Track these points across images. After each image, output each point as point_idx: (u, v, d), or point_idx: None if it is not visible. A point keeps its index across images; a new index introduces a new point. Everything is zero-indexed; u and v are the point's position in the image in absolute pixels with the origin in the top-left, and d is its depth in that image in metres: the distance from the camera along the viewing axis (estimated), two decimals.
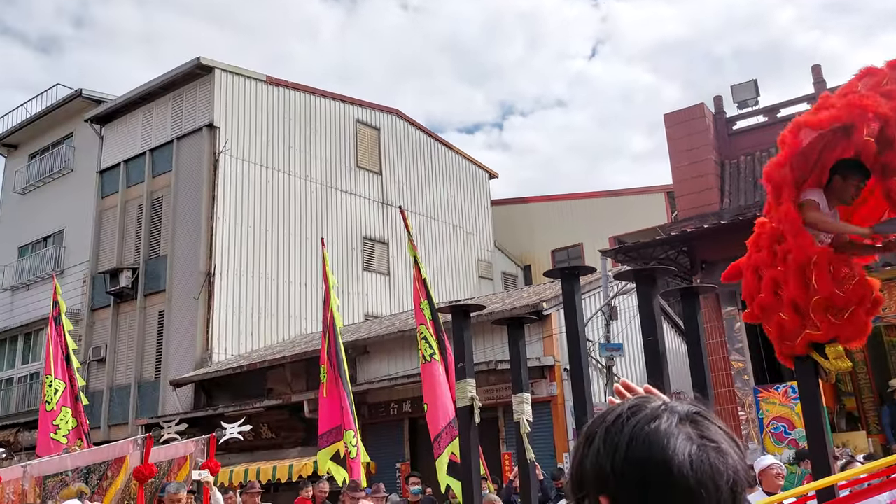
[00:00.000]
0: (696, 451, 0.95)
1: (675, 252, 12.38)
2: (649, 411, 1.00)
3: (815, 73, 12.66)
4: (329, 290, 8.21)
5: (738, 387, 11.24)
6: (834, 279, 3.86)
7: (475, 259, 25.43)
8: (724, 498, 0.94)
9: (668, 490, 0.94)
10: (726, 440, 0.99)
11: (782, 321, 4.02)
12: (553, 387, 13.02)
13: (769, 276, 4.09)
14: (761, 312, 4.17)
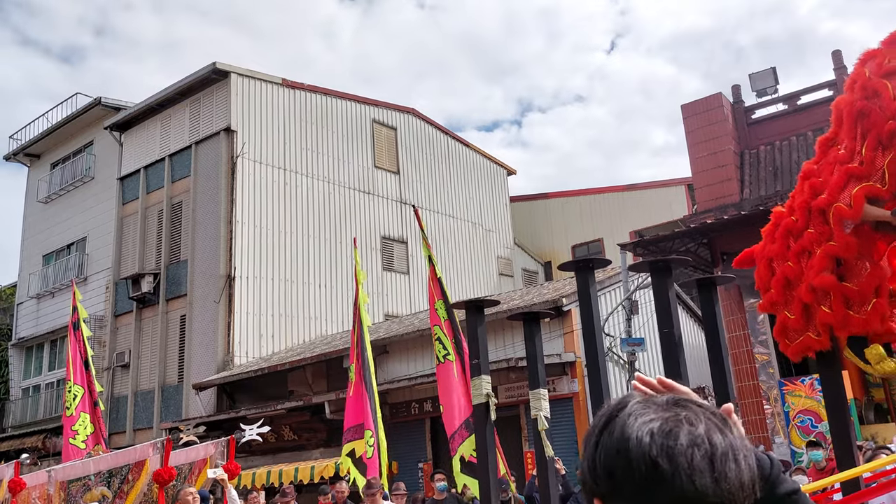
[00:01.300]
0: (658, 427, 0.87)
1: (695, 245, 12.20)
2: (625, 405, 0.94)
3: (836, 59, 12.41)
4: (358, 288, 8.17)
5: (763, 380, 11.04)
6: (851, 271, 3.74)
7: (495, 256, 25.35)
8: (698, 472, 0.84)
9: (630, 469, 0.86)
10: (711, 421, 0.90)
11: (787, 320, 3.92)
12: (574, 383, 12.89)
13: (781, 272, 3.99)
14: (770, 307, 4.07)
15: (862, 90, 3.87)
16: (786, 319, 3.99)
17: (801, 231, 3.99)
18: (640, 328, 14.11)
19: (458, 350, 6.95)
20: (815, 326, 3.86)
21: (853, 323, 3.78)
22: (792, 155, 12.22)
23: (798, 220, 4.08)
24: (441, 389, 6.89)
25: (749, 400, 11.20)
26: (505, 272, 25.47)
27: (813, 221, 3.83)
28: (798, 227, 4.04)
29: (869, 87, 3.82)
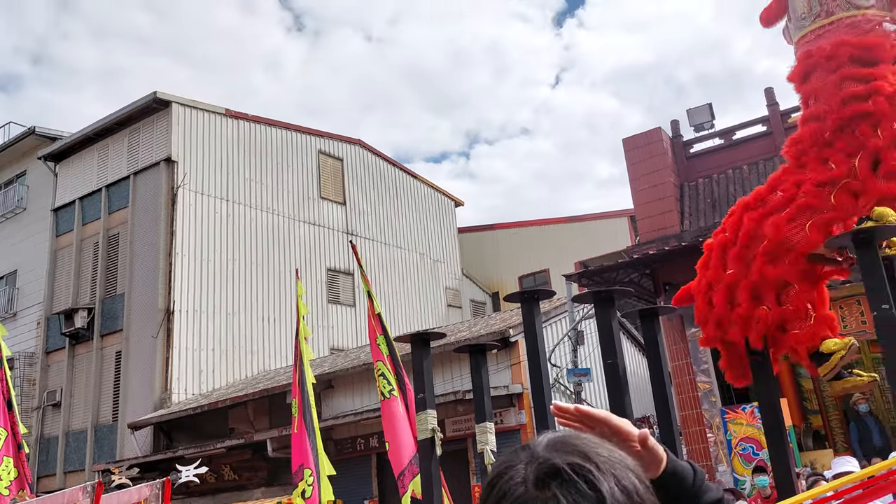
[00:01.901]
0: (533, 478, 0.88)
1: (638, 275, 12.38)
2: (510, 465, 0.93)
3: (769, 97, 12.88)
4: (300, 322, 7.96)
5: (706, 408, 11.18)
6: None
7: (443, 287, 25.29)
8: None
9: None
10: (589, 453, 0.90)
11: (737, 313, 3.97)
12: (521, 415, 12.82)
13: (724, 285, 4.05)
14: (716, 329, 4.11)
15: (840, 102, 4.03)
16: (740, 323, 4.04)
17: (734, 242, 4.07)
18: (586, 358, 14.19)
19: (401, 385, 6.81)
20: (764, 295, 3.91)
21: (785, 342, 3.88)
22: (728, 187, 12.57)
23: (730, 234, 4.16)
24: (386, 426, 6.72)
25: (692, 429, 11.31)
26: (453, 303, 25.43)
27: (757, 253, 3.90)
28: (731, 240, 4.12)
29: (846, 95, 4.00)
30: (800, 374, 11.90)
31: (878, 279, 3.63)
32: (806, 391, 11.88)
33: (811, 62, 4.10)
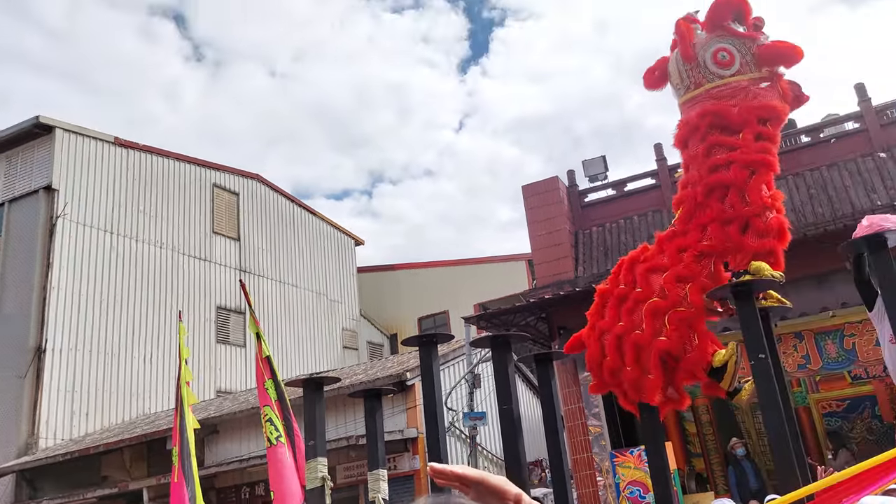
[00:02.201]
0: None
1: (534, 318, 12.56)
2: None
3: (658, 152, 13.57)
4: (182, 365, 7.50)
5: (596, 452, 11.36)
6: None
7: (340, 328, 24.82)
8: None
9: None
10: None
11: (628, 374, 4.04)
12: (416, 460, 12.61)
13: (614, 335, 4.12)
14: (610, 376, 4.17)
15: (708, 169, 4.18)
16: (628, 374, 4.11)
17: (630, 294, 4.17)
18: (482, 401, 14.19)
19: (289, 432, 6.51)
20: (650, 365, 4.00)
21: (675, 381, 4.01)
22: (620, 236, 13.08)
23: (626, 285, 4.27)
24: (272, 474, 6.38)
25: (583, 472, 11.45)
26: (349, 345, 24.96)
27: (646, 320, 4.01)
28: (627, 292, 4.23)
29: (712, 164, 4.15)
30: (684, 419, 12.35)
31: (755, 330, 3.79)
32: (690, 435, 12.33)
33: (685, 131, 4.34)
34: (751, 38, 4.17)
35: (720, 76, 4.21)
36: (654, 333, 3.96)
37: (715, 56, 4.19)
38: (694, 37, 4.31)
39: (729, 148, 4.09)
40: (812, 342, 10.06)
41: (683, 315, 3.93)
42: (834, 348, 9.96)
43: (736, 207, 3.98)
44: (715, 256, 4.07)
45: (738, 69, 4.19)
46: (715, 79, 4.22)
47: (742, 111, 4.10)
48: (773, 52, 4.13)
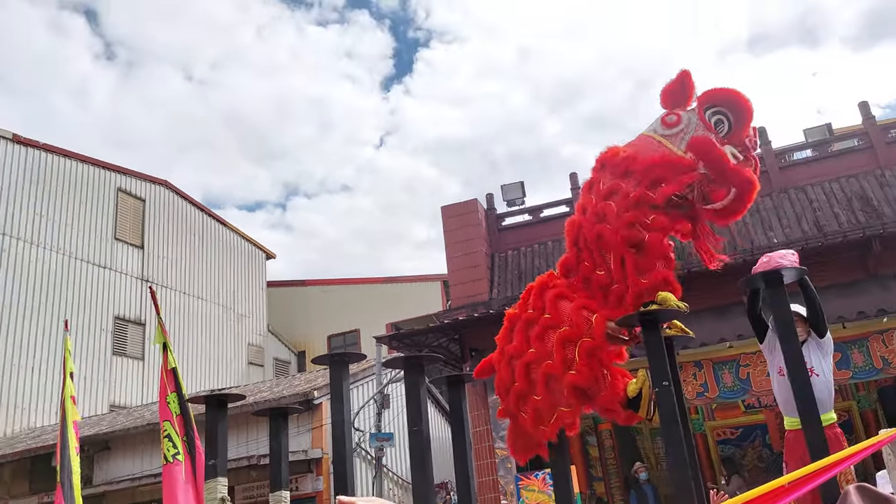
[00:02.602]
0: None
1: (447, 340, 12.57)
2: None
3: (573, 181, 13.96)
4: (66, 379, 7.03)
5: (502, 475, 11.42)
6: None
7: (246, 343, 24.06)
8: None
9: None
10: None
11: (537, 403, 4.04)
12: (319, 481, 12.31)
13: (523, 362, 4.13)
14: (516, 402, 4.16)
15: (594, 216, 4.23)
16: (537, 403, 4.10)
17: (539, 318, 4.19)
18: (390, 422, 14.03)
19: (189, 449, 6.20)
20: (563, 400, 4.01)
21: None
22: (534, 261, 13.32)
23: (535, 309, 4.29)
24: (166, 493, 6.04)
25: (488, 496, 11.47)
26: (255, 361, 24.23)
27: (556, 349, 4.02)
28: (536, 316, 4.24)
29: (599, 212, 4.19)
30: (588, 443, 12.61)
31: (660, 358, 3.88)
32: (592, 459, 12.59)
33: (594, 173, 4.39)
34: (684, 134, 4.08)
35: (654, 129, 4.20)
36: (565, 363, 3.99)
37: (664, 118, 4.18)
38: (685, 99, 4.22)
39: (609, 195, 4.13)
40: (710, 371, 10.50)
41: (591, 346, 3.98)
42: (730, 378, 10.43)
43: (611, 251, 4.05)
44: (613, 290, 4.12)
45: (672, 132, 4.17)
46: (651, 129, 4.22)
47: (636, 162, 4.12)
48: (698, 148, 4.06)
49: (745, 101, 3.89)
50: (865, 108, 12.58)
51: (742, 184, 3.82)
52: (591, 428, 12.61)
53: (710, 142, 3.83)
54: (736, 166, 3.80)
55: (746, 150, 3.88)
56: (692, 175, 3.97)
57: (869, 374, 10.10)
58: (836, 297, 9.94)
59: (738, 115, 3.86)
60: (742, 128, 3.87)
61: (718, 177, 3.85)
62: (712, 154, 3.79)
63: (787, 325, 3.91)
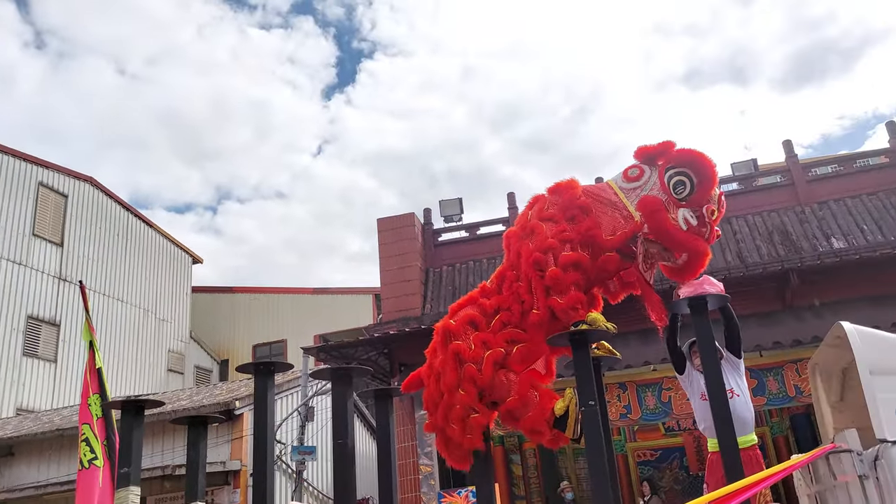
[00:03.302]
0: None
1: (376, 353, 12.45)
2: None
3: (510, 200, 14.13)
4: None
5: (424, 491, 11.34)
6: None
7: (166, 349, 23.23)
8: None
9: None
10: None
11: (450, 432, 4.02)
12: (236, 494, 11.93)
13: (447, 400, 4.11)
14: (433, 427, 4.15)
15: (522, 229, 4.27)
16: (450, 432, 4.09)
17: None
18: (314, 435, 13.76)
19: (108, 455, 5.93)
20: (469, 431, 4.00)
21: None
22: (469, 277, 13.37)
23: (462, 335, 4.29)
24: (80, 499, 5.75)
25: None
26: (175, 368, 23.41)
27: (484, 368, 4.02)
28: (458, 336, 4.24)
29: (528, 228, 4.23)
30: (512, 461, 12.67)
31: (588, 377, 3.92)
32: (516, 477, 12.65)
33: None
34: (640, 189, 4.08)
35: (616, 180, 4.22)
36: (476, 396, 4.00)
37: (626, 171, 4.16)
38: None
39: (530, 233, 4.18)
40: (634, 393, 10.73)
41: (526, 377, 3.98)
42: (653, 400, 10.68)
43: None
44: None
45: (629, 185, 4.17)
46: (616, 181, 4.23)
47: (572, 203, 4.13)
48: (645, 208, 4.03)
49: (709, 164, 3.86)
50: (789, 146, 13.22)
51: (691, 253, 3.87)
52: (516, 446, 12.68)
53: (658, 203, 3.85)
54: (683, 233, 3.81)
55: (702, 216, 3.83)
56: (630, 230, 3.98)
57: (782, 401, 10.51)
58: (755, 327, 10.34)
59: (700, 178, 3.83)
60: (704, 191, 3.83)
61: (662, 238, 3.89)
62: (657, 216, 3.82)
63: (710, 349, 4.02)
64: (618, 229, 3.99)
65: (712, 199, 3.91)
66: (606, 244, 3.97)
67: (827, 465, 3.77)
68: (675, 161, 3.95)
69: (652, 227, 3.92)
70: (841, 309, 10.06)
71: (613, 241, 3.98)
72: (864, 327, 3.93)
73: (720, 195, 3.99)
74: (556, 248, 3.97)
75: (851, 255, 10.86)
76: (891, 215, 11.93)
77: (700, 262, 4.00)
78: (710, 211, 3.90)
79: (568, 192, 4.17)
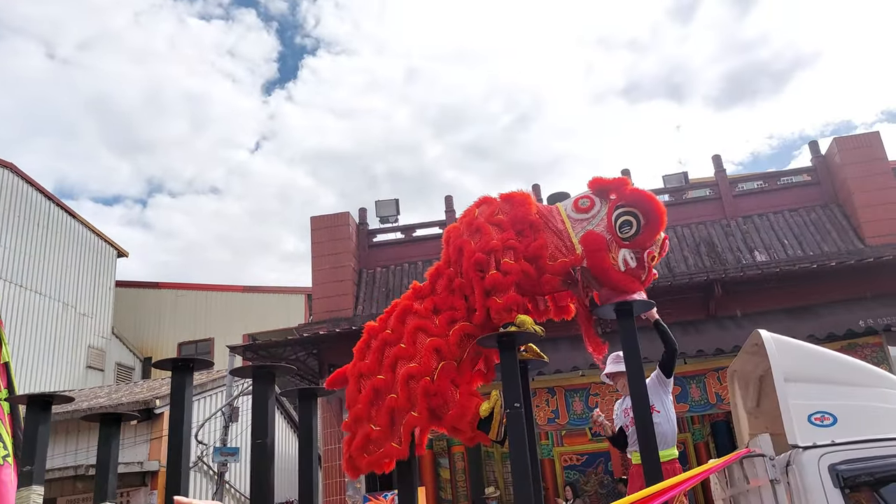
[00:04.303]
0: None
1: (305, 354, 12.23)
2: None
3: (448, 203, 14.11)
4: None
5: (350, 494, 11.18)
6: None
7: (86, 345, 22.27)
8: None
9: None
10: None
11: (371, 432, 3.96)
12: (154, 496, 11.51)
13: (371, 385, 4.05)
14: (354, 423, 4.08)
15: (467, 226, 4.26)
16: (369, 432, 4.02)
17: (396, 342, 4.13)
18: (237, 436, 13.42)
19: (16, 452, 5.61)
20: (398, 435, 3.94)
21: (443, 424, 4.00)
22: (403, 279, 13.28)
23: (393, 331, 4.23)
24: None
25: None
26: (95, 365, 22.47)
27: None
28: (394, 339, 4.18)
29: (474, 226, 4.22)
30: (440, 465, 12.64)
31: (514, 380, 3.92)
32: (443, 481, 12.62)
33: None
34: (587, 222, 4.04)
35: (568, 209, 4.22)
36: (409, 401, 3.95)
37: (576, 202, 4.18)
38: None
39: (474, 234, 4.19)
40: (562, 398, 10.86)
41: (428, 389, 3.94)
42: (580, 405, 10.83)
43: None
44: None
45: (577, 216, 4.17)
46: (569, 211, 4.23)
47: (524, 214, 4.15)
48: (588, 244, 4.13)
49: (659, 209, 3.87)
50: (718, 161, 13.66)
51: (625, 293, 3.86)
52: (444, 450, 12.66)
53: (602, 242, 3.87)
54: (620, 274, 3.83)
55: (642, 259, 3.86)
56: (570, 261, 4.01)
57: (704, 408, 10.82)
58: (679, 335, 10.59)
59: (648, 220, 3.85)
60: (648, 234, 3.85)
61: (599, 275, 3.93)
62: (598, 255, 3.86)
63: (634, 355, 4.06)
64: (559, 257, 4.03)
65: (656, 244, 3.96)
66: (547, 268, 4.01)
67: (741, 470, 3.85)
68: (627, 200, 3.97)
69: (591, 263, 3.97)
70: (761, 319, 10.43)
71: (554, 266, 4.01)
72: (781, 336, 4.05)
73: (664, 239, 4.04)
74: (499, 252, 3.99)
75: (772, 268, 11.28)
76: (810, 231, 12.46)
77: None
78: (651, 256, 3.95)
79: (522, 207, 4.17)
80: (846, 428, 3.52)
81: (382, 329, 4.41)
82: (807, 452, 3.45)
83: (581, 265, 4.01)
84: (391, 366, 4.12)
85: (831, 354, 4.12)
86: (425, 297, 4.33)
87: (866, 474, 3.35)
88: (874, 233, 11.90)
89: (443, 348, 4.02)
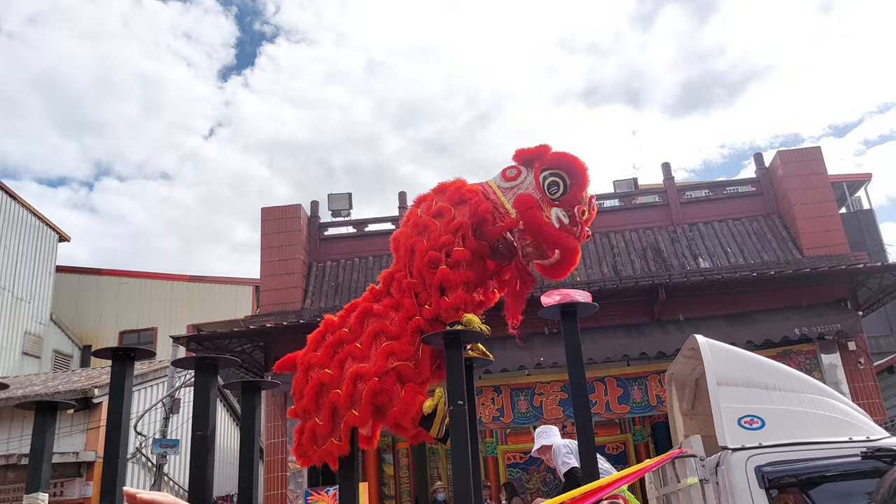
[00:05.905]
0: None
1: (251, 346, 12.08)
2: None
3: (401, 199, 14.10)
4: None
5: (292, 489, 11.10)
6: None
7: (22, 331, 21.54)
8: None
9: None
10: None
11: (315, 426, 3.97)
12: (89, 487, 11.23)
13: (317, 378, 4.05)
14: (302, 413, 4.08)
15: (414, 227, 4.29)
16: (314, 426, 4.02)
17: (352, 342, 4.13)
18: (178, 428, 13.17)
19: None
20: (338, 431, 3.95)
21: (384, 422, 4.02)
22: (353, 274, 13.22)
23: (351, 331, 4.23)
24: None
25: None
26: (32, 352, 21.75)
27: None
28: (349, 339, 4.18)
29: (420, 224, 4.26)
30: (384, 461, 12.64)
31: (458, 377, 3.96)
32: (386, 477, 12.63)
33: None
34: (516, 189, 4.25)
35: (497, 179, 4.37)
36: (351, 400, 3.96)
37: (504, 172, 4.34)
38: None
39: (420, 230, 4.27)
40: (507, 397, 10.98)
41: (374, 390, 3.97)
42: (525, 404, 10.97)
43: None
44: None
45: (506, 184, 4.33)
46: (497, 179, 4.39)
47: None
48: (520, 205, 4.22)
49: (581, 166, 4.06)
50: (667, 168, 13.98)
51: (563, 249, 4.01)
52: (389, 446, 12.67)
53: (533, 200, 4.01)
54: (555, 230, 3.97)
55: (574, 216, 4.04)
56: (506, 224, 4.16)
57: (645, 410, 11.08)
58: (624, 337, 10.84)
59: (573, 178, 4.02)
60: (575, 192, 4.02)
61: (535, 234, 4.03)
62: (531, 212, 3.97)
63: (577, 355, 4.15)
64: (497, 222, 4.14)
65: (583, 200, 4.14)
66: (489, 233, 4.10)
67: (673, 470, 3.98)
68: (550, 163, 4.16)
69: (526, 223, 4.10)
70: (702, 324, 10.74)
71: (493, 230, 4.11)
72: (716, 341, 4.19)
73: (591, 198, 4.22)
74: (451, 244, 4.05)
75: (715, 275, 11.61)
76: (752, 240, 12.86)
77: (571, 259, 4.18)
78: (581, 211, 4.13)
79: (453, 185, 4.28)
80: (773, 431, 3.66)
81: (340, 326, 4.40)
82: (735, 454, 3.58)
83: (517, 228, 4.14)
84: (340, 362, 4.13)
85: (763, 361, 4.28)
86: (381, 299, 4.35)
87: (790, 476, 3.50)
88: (812, 244, 12.35)
89: (397, 350, 4.05)
